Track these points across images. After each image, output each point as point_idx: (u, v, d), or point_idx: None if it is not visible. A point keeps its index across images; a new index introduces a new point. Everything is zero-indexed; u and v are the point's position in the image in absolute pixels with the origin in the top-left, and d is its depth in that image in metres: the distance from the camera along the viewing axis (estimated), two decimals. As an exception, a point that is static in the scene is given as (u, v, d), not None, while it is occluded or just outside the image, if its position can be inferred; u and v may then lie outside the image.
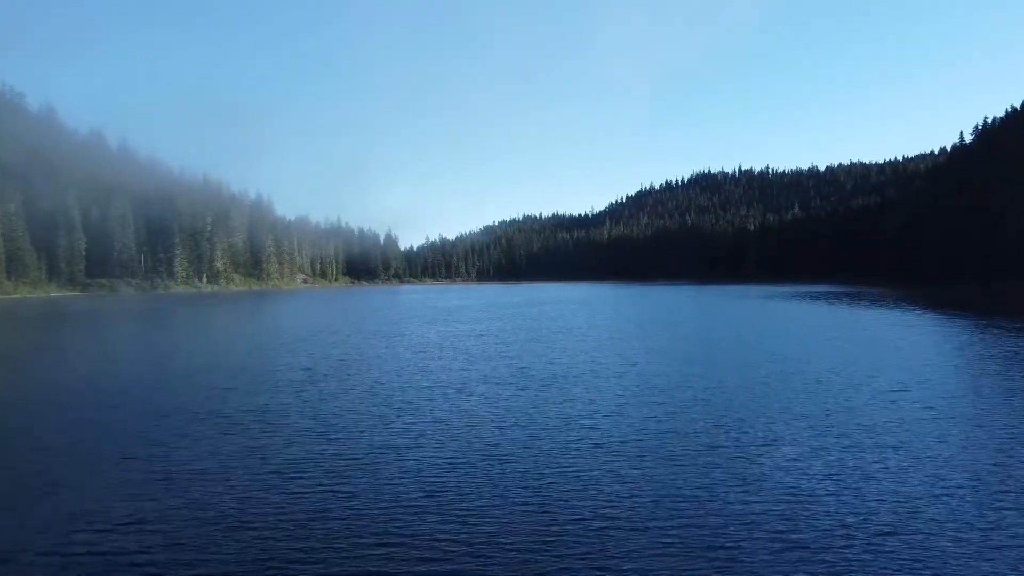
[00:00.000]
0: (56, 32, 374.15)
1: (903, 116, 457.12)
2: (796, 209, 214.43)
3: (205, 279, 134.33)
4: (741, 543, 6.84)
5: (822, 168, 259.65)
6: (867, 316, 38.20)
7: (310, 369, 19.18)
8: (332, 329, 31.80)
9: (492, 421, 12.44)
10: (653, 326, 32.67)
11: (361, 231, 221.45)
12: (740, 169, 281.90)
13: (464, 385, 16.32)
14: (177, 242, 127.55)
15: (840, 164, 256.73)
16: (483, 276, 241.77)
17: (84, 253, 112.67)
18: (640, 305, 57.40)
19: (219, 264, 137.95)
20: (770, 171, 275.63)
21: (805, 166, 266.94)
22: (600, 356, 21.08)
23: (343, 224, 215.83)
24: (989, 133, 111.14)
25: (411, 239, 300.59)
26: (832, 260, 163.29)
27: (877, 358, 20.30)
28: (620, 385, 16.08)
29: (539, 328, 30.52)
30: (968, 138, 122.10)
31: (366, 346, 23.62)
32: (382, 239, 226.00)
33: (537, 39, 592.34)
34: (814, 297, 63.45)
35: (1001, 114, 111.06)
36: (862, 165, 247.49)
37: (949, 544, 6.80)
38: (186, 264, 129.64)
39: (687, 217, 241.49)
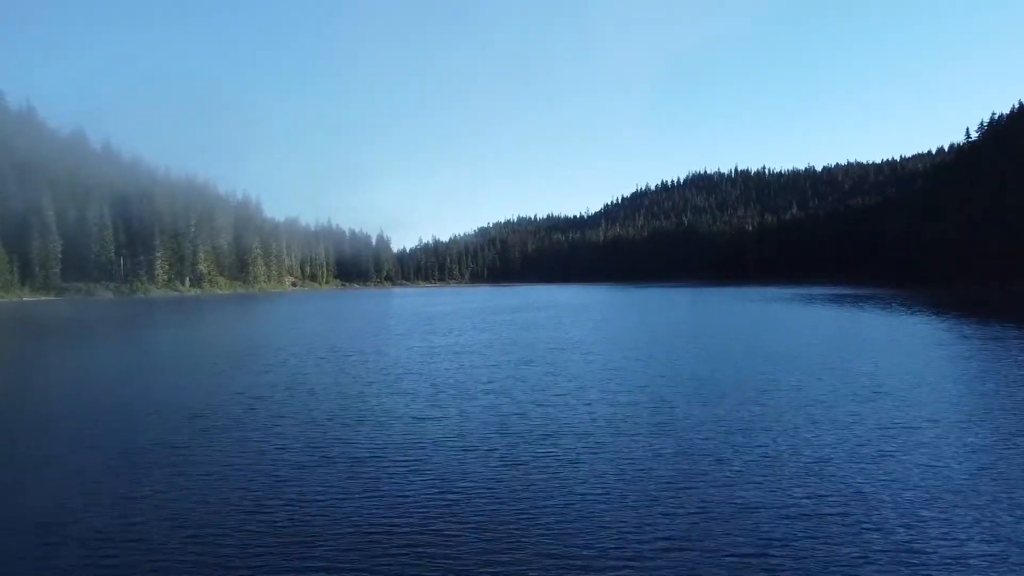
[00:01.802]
0: (39, 29, 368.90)
1: (899, 116, 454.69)
2: (794, 209, 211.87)
3: (188, 282, 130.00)
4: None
5: (819, 168, 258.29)
6: (899, 323, 34.34)
7: (201, 416, 13.53)
8: (280, 345, 27.68)
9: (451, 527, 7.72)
10: (661, 338, 28.64)
11: (352, 232, 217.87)
12: (736, 169, 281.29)
13: (416, 451, 10.87)
14: (158, 244, 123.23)
15: (837, 164, 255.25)
16: (477, 278, 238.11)
17: (59, 256, 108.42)
18: (641, 311, 53.54)
19: (203, 267, 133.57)
20: (767, 171, 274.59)
21: (802, 166, 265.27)
22: (608, 387, 16.81)
23: (334, 225, 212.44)
24: (996, 130, 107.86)
25: (404, 241, 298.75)
26: (832, 261, 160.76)
27: (933, 375, 16.49)
28: (638, 438, 12.05)
29: (531, 343, 26.47)
30: (974, 135, 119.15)
31: (306, 372, 19.26)
32: (374, 241, 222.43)
33: (533, 38, 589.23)
34: (824, 300, 59.56)
35: (1007, 110, 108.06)
36: (860, 165, 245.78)
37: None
38: (167, 267, 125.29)
39: (684, 218, 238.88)
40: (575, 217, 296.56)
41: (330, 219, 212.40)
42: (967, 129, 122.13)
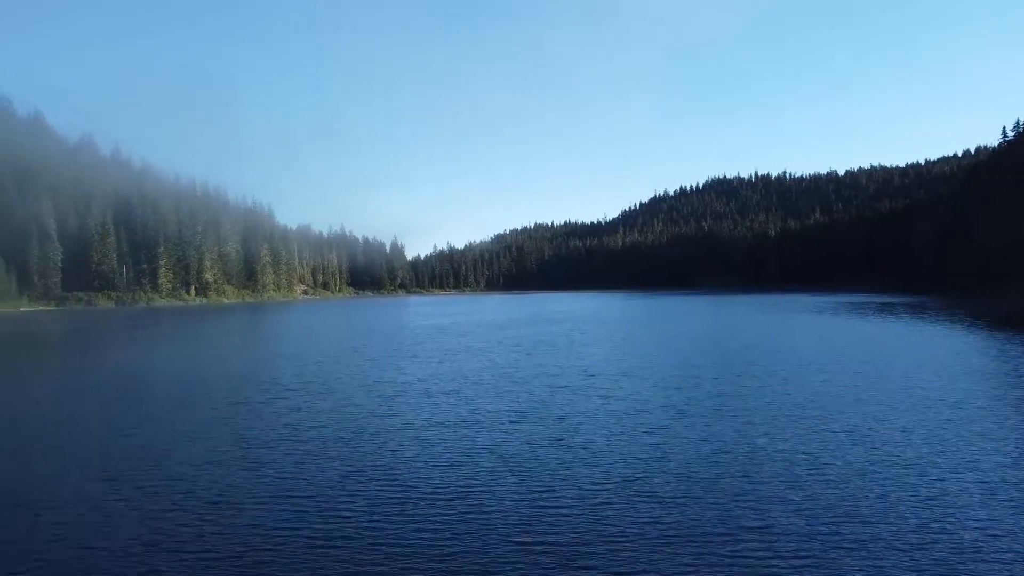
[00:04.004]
0: (46, 33, 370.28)
1: (923, 118, 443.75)
2: (817, 214, 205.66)
3: (193, 291, 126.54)
4: None
5: (842, 172, 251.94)
6: (959, 338, 29.07)
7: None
8: (220, 374, 23.08)
9: None
10: (705, 368, 23.67)
11: (366, 240, 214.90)
12: (757, 174, 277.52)
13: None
14: (162, 251, 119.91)
15: (860, 168, 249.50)
16: (492, 285, 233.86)
17: (60, 264, 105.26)
18: (666, 323, 48.47)
19: (208, 275, 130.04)
20: (788, 176, 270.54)
21: (824, 170, 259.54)
22: (643, 441, 12.12)
23: (347, 233, 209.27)
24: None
25: (418, 248, 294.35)
26: (857, 266, 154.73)
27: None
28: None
29: (533, 375, 21.66)
30: (1011, 134, 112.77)
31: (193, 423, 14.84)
32: (388, 248, 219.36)
33: (548, 41, 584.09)
34: (861, 308, 54.06)
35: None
36: (884, 168, 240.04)
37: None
38: (171, 275, 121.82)
39: (703, 223, 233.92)
40: (592, 223, 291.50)
41: (343, 226, 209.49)
42: (1003, 128, 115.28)
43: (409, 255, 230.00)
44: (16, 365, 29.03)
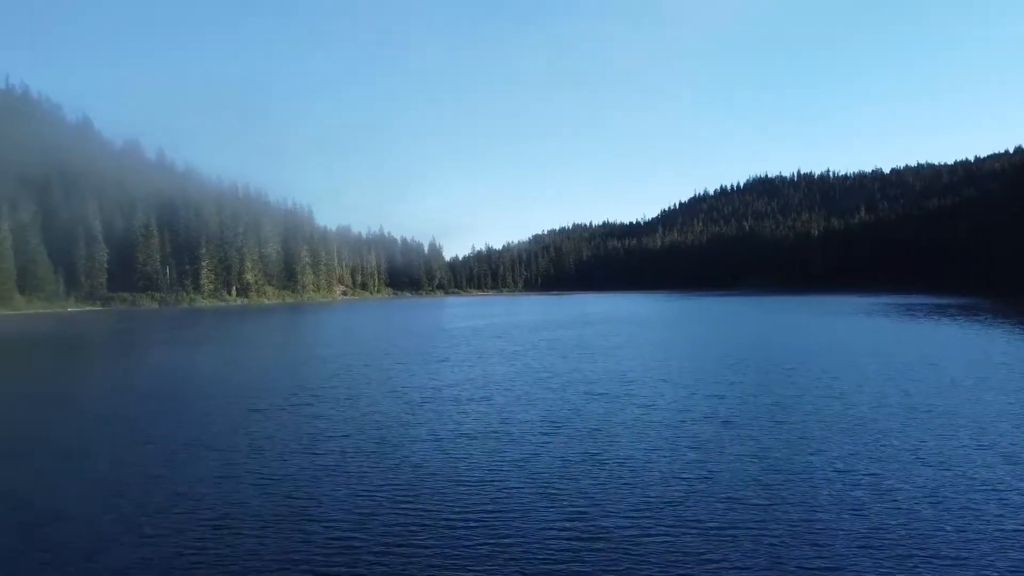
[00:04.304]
0: (87, 36, 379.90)
1: (971, 114, 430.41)
2: (862, 213, 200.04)
3: (234, 292, 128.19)
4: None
5: (887, 170, 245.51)
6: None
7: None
8: (248, 378, 22.58)
9: None
10: (744, 373, 22.50)
11: (404, 241, 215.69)
12: (799, 173, 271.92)
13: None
14: (204, 253, 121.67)
15: (907, 165, 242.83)
16: (530, 286, 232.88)
17: (105, 266, 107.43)
18: (707, 325, 47.09)
19: (249, 276, 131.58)
20: (831, 174, 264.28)
21: (868, 168, 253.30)
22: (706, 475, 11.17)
23: (386, 233, 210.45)
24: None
25: (456, 249, 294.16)
26: (904, 266, 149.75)
27: None
28: None
29: (567, 382, 20.75)
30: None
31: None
32: (426, 248, 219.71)
33: (586, 40, 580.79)
34: (913, 310, 51.59)
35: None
36: (931, 166, 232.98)
37: None
38: (213, 276, 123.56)
39: (744, 223, 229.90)
40: (631, 223, 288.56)
41: (382, 227, 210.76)
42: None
43: (447, 256, 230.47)
44: (64, 365, 29.09)
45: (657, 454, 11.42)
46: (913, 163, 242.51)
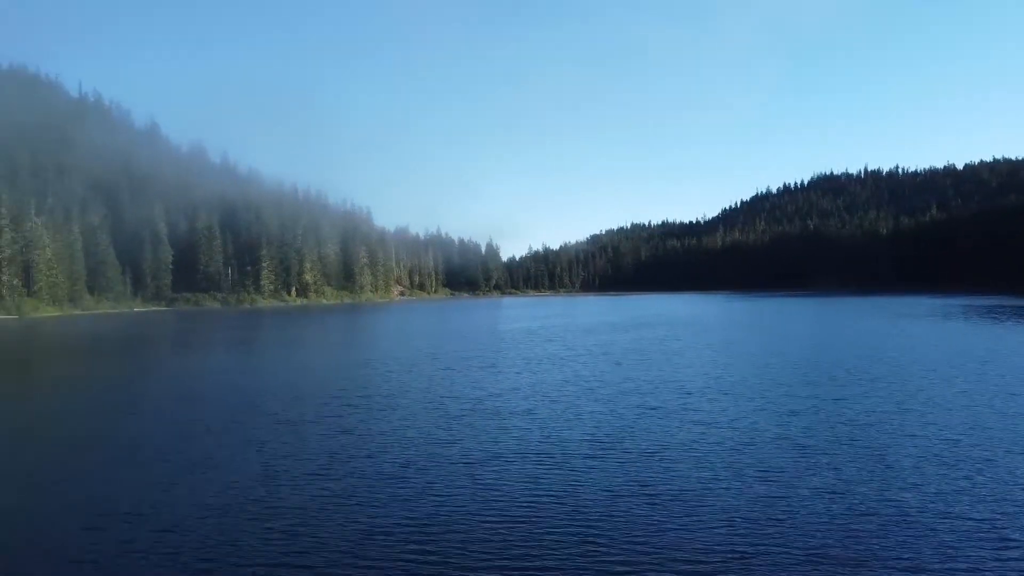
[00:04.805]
0: (149, 39, 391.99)
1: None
2: (934, 211, 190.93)
3: (294, 292, 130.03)
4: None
5: (960, 166, 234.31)
6: None
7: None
8: (286, 383, 21.62)
9: None
10: (817, 385, 20.60)
11: (461, 241, 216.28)
12: (866, 169, 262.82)
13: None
14: (264, 254, 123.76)
15: (982, 161, 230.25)
16: (588, 287, 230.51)
17: (170, 267, 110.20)
18: (772, 329, 44.66)
19: (308, 276, 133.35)
20: (900, 170, 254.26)
21: (940, 164, 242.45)
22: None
23: (443, 234, 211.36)
24: None
25: (513, 249, 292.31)
26: (979, 266, 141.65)
27: None
28: None
29: (619, 392, 19.28)
30: None
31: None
32: (483, 249, 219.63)
33: (646, 37, 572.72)
34: (994, 312, 47.71)
35: None
36: (1008, 161, 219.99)
37: None
38: (273, 277, 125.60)
39: (808, 222, 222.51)
40: (691, 223, 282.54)
41: (439, 228, 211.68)
42: None
43: (504, 256, 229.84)
44: (135, 362, 28.99)
45: (719, 487, 9.83)
46: (988, 158, 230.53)
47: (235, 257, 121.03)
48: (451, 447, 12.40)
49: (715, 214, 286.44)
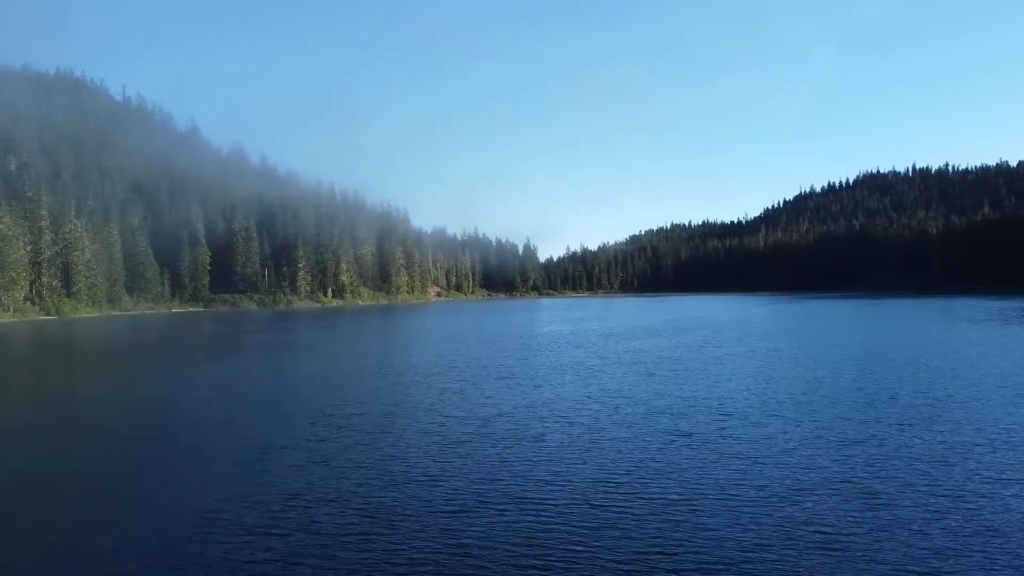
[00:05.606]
0: (169, 34, 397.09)
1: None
2: (986, 209, 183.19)
3: (330, 293, 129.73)
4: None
5: (1014, 163, 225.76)
6: None
7: None
8: (299, 391, 19.91)
9: None
10: (876, 404, 18.11)
11: (499, 242, 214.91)
12: (914, 167, 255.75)
13: None
14: (301, 255, 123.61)
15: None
16: (626, 288, 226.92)
17: (208, 268, 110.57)
18: (821, 334, 41.71)
19: (345, 277, 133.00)
20: (950, 168, 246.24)
21: (992, 162, 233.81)
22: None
23: (480, 235, 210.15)
24: None
25: (551, 250, 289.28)
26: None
27: None
28: None
29: (660, 402, 17.12)
30: None
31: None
32: (520, 250, 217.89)
33: (686, 34, 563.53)
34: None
35: None
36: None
37: None
38: (310, 278, 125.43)
39: (854, 221, 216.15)
40: (732, 223, 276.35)
41: (476, 228, 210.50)
42: None
43: (541, 257, 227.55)
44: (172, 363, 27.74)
45: (765, 556, 7.55)
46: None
47: (272, 258, 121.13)
48: (436, 488, 10.25)
49: (757, 214, 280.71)
